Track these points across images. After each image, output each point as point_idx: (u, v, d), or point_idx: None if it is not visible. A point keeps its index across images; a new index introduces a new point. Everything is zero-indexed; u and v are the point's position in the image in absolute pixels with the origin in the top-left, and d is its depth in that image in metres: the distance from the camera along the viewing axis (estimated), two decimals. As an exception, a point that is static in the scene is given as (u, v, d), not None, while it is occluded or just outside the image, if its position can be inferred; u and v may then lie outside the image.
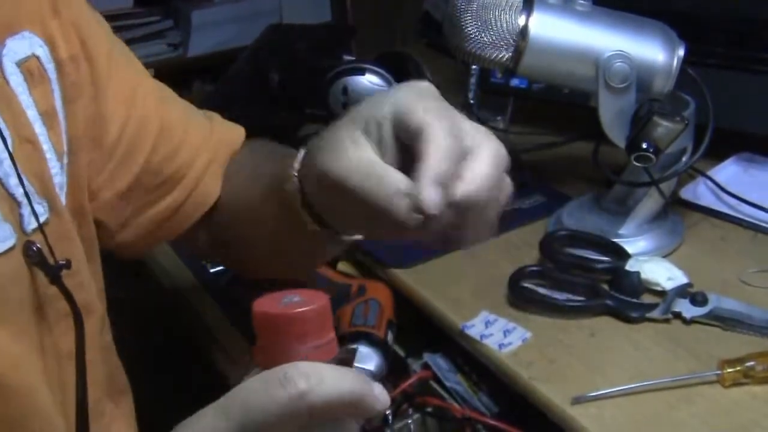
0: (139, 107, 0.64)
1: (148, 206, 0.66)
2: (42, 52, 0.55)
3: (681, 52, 0.74)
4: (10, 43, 0.52)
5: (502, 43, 0.73)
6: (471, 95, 1.09)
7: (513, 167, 0.92)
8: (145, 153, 0.64)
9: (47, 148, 0.53)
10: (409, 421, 0.71)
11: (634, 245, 0.77)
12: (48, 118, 0.54)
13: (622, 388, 0.62)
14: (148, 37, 1.44)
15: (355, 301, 0.78)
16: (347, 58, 1.08)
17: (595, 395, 0.61)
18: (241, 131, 0.73)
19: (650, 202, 0.79)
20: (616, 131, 0.75)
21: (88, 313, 0.55)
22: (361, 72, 1.01)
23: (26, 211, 0.50)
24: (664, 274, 0.72)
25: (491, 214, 0.52)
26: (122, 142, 0.62)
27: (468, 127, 0.51)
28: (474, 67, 1.08)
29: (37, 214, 0.50)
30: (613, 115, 0.75)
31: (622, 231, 0.79)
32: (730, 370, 0.61)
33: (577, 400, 0.61)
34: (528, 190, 0.91)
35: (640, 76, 0.73)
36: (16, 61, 0.52)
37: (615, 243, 0.77)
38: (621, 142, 0.75)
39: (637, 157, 0.73)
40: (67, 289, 0.51)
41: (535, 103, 1.09)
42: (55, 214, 0.53)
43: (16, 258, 0.49)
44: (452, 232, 0.52)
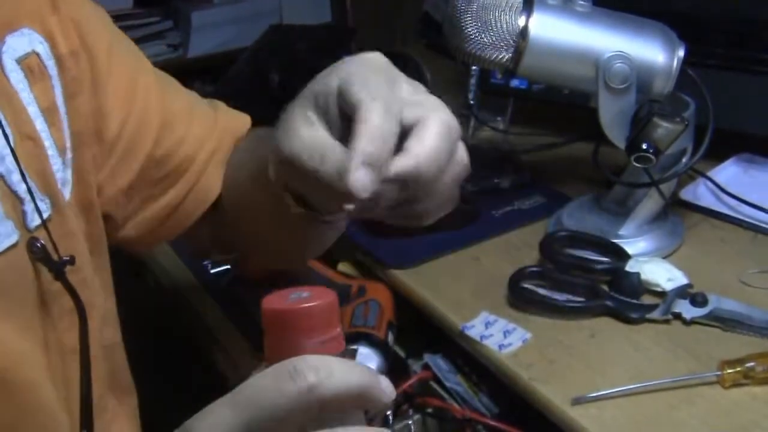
0: (140, 102, 0.63)
1: (151, 200, 0.66)
2: (42, 48, 0.54)
3: (681, 53, 0.74)
4: (10, 40, 0.52)
5: (502, 44, 0.73)
6: (471, 96, 1.09)
7: (513, 168, 0.94)
8: (147, 148, 0.64)
9: (49, 145, 0.53)
10: (410, 421, 0.71)
11: (634, 246, 0.77)
12: (49, 114, 0.54)
13: (622, 388, 0.62)
14: (148, 38, 1.44)
15: (355, 302, 0.78)
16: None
17: (595, 396, 0.61)
18: (246, 119, 0.71)
19: (650, 203, 0.79)
20: (616, 132, 0.75)
21: (91, 308, 0.55)
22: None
23: (29, 207, 0.50)
24: (664, 274, 0.72)
25: (445, 187, 0.50)
26: (123, 138, 0.62)
27: (417, 98, 0.49)
28: (474, 68, 1.08)
29: (40, 210, 0.50)
30: (613, 115, 0.75)
31: (622, 232, 0.79)
32: (730, 371, 0.61)
33: (577, 401, 0.61)
34: (528, 190, 0.92)
35: (640, 77, 0.73)
36: (16, 58, 0.52)
37: (615, 244, 0.77)
38: (621, 143, 0.75)
39: (637, 158, 0.73)
40: (71, 285, 0.51)
41: (535, 104, 1.09)
42: (57, 211, 0.53)
43: (20, 254, 0.49)
44: (409, 207, 0.51)
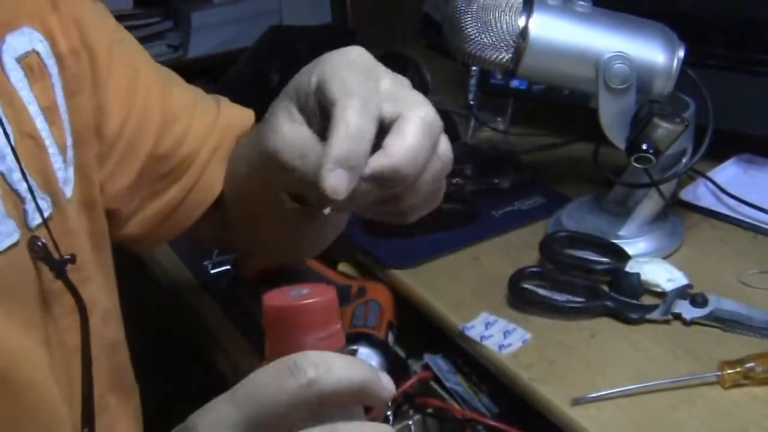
0: (141, 100, 0.63)
1: (153, 197, 0.65)
2: (42, 47, 0.54)
3: (681, 54, 0.74)
4: (10, 39, 0.52)
5: (502, 45, 0.73)
6: (471, 96, 1.09)
7: (513, 168, 0.94)
8: (148, 146, 0.63)
9: (49, 143, 0.53)
10: (410, 422, 0.71)
11: (634, 246, 0.77)
12: (49, 113, 0.54)
13: (622, 389, 0.62)
14: (148, 39, 1.44)
15: (356, 302, 0.78)
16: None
17: (595, 396, 0.61)
18: (250, 114, 0.71)
19: (650, 204, 0.79)
20: (616, 132, 0.75)
21: (93, 307, 0.55)
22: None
23: (30, 206, 0.50)
24: (664, 275, 0.72)
25: (427, 184, 0.49)
26: (123, 136, 0.62)
27: (398, 94, 0.48)
28: (474, 69, 1.08)
29: (41, 209, 0.50)
30: (613, 116, 0.75)
31: (622, 232, 0.79)
32: (730, 372, 0.61)
33: (577, 401, 0.61)
34: (528, 191, 0.92)
35: (640, 78, 0.73)
36: (16, 57, 0.52)
37: (615, 244, 0.77)
38: (621, 144, 0.75)
39: (637, 159, 0.73)
40: (72, 284, 0.51)
41: (535, 105, 1.09)
42: (58, 209, 0.53)
43: (21, 253, 0.49)
44: (392, 204, 0.50)
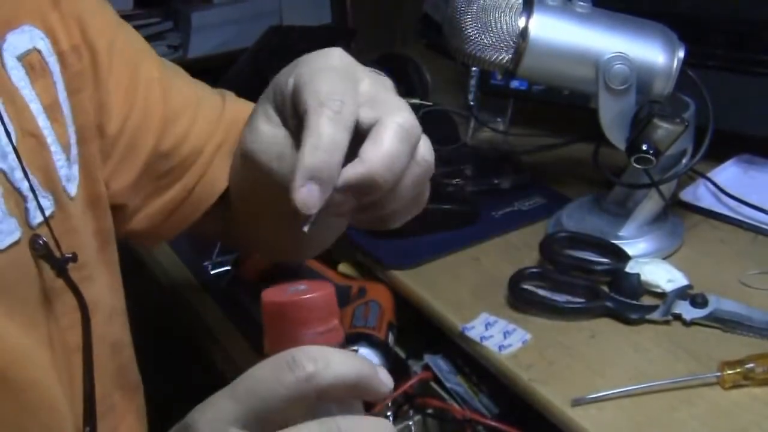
0: (142, 97, 0.63)
1: (158, 193, 0.65)
2: (43, 45, 0.54)
3: (681, 54, 0.74)
4: (11, 38, 0.52)
5: (502, 45, 0.73)
6: (471, 97, 1.09)
7: (513, 168, 0.94)
8: (151, 143, 0.63)
9: (51, 141, 0.53)
10: (410, 422, 0.71)
11: (634, 247, 0.77)
12: (51, 111, 0.53)
13: (622, 389, 0.62)
14: (148, 39, 1.42)
15: (356, 303, 0.78)
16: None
17: (595, 397, 0.61)
18: None
19: (650, 204, 0.79)
20: (616, 133, 0.75)
21: (96, 306, 0.55)
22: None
23: (32, 205, 0.50)
24: (664, 275, 0.72)
25: (406, 190, 0.47)
26: (125, 133, 0.62)
27: (376, 98, 0.47)
28: (474, 69, 1.08)
29: (43, 207, 0.50)
30: (613, 116, 0.75)
31: (622, 233, 0.79)
32: (730, 372, 0.61)
33: (577, 402, 0.61)
34: (528, 191, 0.92)
35: (640, 78, 0.73)
36: (17, 56, 0.52)
37: (615, 245, 0.77)
38: (621, 144, 0.75)
39: (637, 159, 0.73)
40: (73, 282, 0.51)
41: (535, 105, 1.09)
42: (60, 208, 0.53)
43: (23, 252, 0.49)
44: (373, 211, 0.48)
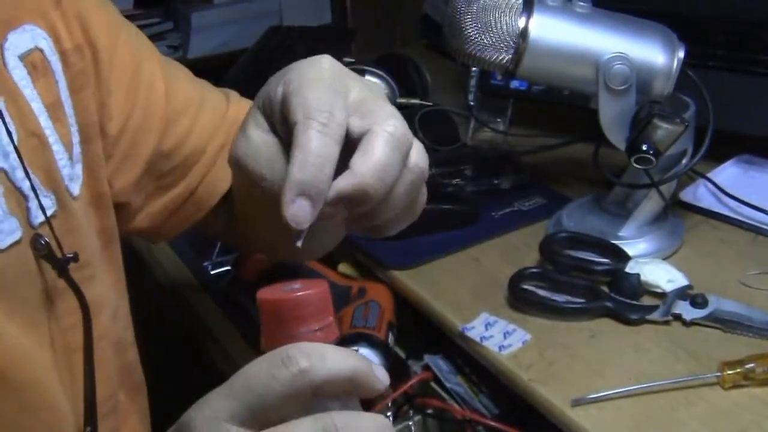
0: (143, 97, 0.63)
1: (160, 192, 0.65)
2: (45, 44, 0.54)
3: (681, 54, 0.74)
4: (12, 37, 0.52)
5: (502, 45, 0.73)
6: (471, 97, 1.09)
7: (513, 169, 0.94)
8: (153, 142, 0.63)
9: (54, 141, 0.53)
10: (410, 422, 0.71)
11: (634, 247, 0.77)
12: (53, 110, 0.53)
13: (622, 389, 0.62)
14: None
15: (356, 303, 0.78)
16: (347, 59, 1.08)
17: (595, 397, 0.61)
18: None
19: (650, 204, 0.79)
20: (616, 133, 0.75)
21: (100, 306, 0.55)
22: (361, 74, 1.01)
23: (33, 204, 0.49)
24: (664, 276, 0.72)
25: (399, 198, 0.47)
26: (126, 132, 0.62)
27: (366, 107, 0.46)
28: (474, 69, 1.08)
29: (45, 207, 0.50)
30: (613, 116, 0.75)
31: (622, 233, 0.79)
32: (730, 372, 0.61)
33: (577, 402, 0.61)
34: (528, 191, 0.92)
35: (640, 78, 0.73)
36: (18, 55, 0.52)
37: (615, 245, 0.77)
38: (621, 144, 0.75)
39: (637, 159, 0.73)
40: (74, 283, 0.51)
41: (535, 105, 1.09)
42: (63, 207, 0.52)
43: (24, 251, 0.49)
44: (368, 220, 0.48)
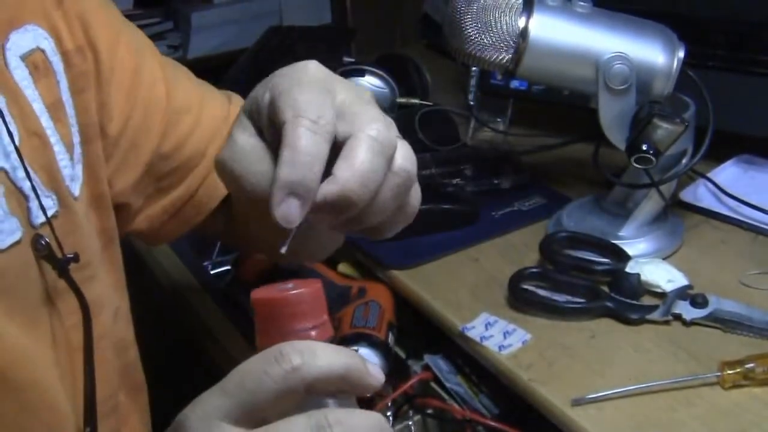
0: (144, 99, 0.63)
1: (160, 194, 0.65)
2: (47, 44, 0.54)
3: (681, 54, 0.74)
4: (14, 37, 0.52)
5: (502, 45, 0.73)
6: (471, 97, 1.09)
7: (513, 169, 0.94)
8: (153, 144, 0.63)
9: (55, 141, 0.53)
10: (410, 422, 0.71)
11: (634, 247, 0.77)
12: (54, 110, 0.53)
13: (622, 389, 0.62)
14: (147, 39, 1.44)
15: (356, 303, 0.78)
16: (347, 59, 1.08)
17: (595, 397, 0.61)
18: None
19: (650, 204, 0.79)
20: (616, 133, 0.75)
21: (100, 306, 0.55)
22: (361, 74, 1.01)
23: (34, 204, 0.50)
24: (664, 276, 0.72)
25: (386, 202, 0.46)
26: (126, 134, 0.62)
27: (352, 110, 0.45)
28: (474, 69, 1.08)
29: (45, 207, 0.50)
30: (613, 116, 0.75)
31: (622, 233, 0.79)
32: (730, 372, 0.61)
33: (577, 402, 0.61)
34: (528, 191, 0.92)
35: (640, 78, 0.73)
36: (20, 55, 0.52)
37: (615, 245, 0.77)
38: (621, 144, 0.75)
39: (637, 159, 0.73)
40: (74, 283, 0.51)
41: (535, 105, 1.09)
42: (64, 207, 0.53)
43: (24, 251, 0.49)
44: (358, 224, 0.47)
